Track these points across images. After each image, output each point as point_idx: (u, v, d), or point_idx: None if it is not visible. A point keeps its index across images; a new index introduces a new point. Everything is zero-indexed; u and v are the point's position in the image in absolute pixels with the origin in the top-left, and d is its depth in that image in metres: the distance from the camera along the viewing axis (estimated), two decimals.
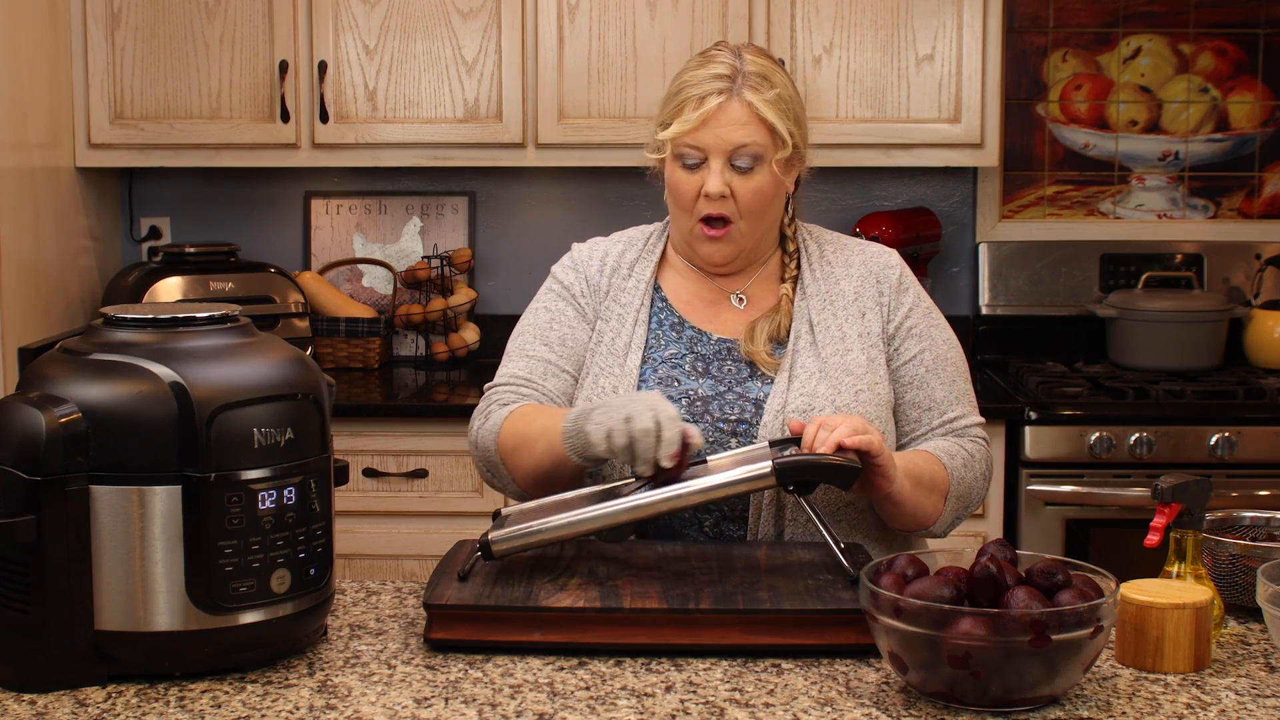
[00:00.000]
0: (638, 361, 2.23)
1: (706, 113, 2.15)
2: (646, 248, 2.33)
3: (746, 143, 2.16)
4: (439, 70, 3.82)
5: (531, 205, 4.24)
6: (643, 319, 2.26)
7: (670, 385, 2.21)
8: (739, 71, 2.17)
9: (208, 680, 1.74)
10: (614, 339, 2.25)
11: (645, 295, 2.28)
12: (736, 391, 2.20)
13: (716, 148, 2.16)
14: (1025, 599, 1.62)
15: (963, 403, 2.27)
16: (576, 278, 2.32)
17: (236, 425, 1.71)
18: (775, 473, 1.94)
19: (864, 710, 1.66)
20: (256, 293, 3.95)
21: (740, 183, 2.18)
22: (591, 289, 2.30)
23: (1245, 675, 1.77)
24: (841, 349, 2.21)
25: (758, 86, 2.17)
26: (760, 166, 2.18)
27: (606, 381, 2.22)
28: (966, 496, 2.22)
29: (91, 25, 3.81)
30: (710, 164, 2.17)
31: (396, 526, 3.60)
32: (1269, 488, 3.52)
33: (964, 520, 2.27)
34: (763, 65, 2.20)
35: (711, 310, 2.29)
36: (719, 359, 2.24)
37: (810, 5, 3.78)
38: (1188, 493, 1.89)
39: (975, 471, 2.23)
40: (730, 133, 2.16)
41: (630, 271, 2.31)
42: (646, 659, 1.80)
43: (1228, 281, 4.14)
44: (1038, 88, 4.17)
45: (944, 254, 4.19)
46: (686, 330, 2.26)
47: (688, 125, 2.16)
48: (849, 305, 2.25)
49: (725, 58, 2.20)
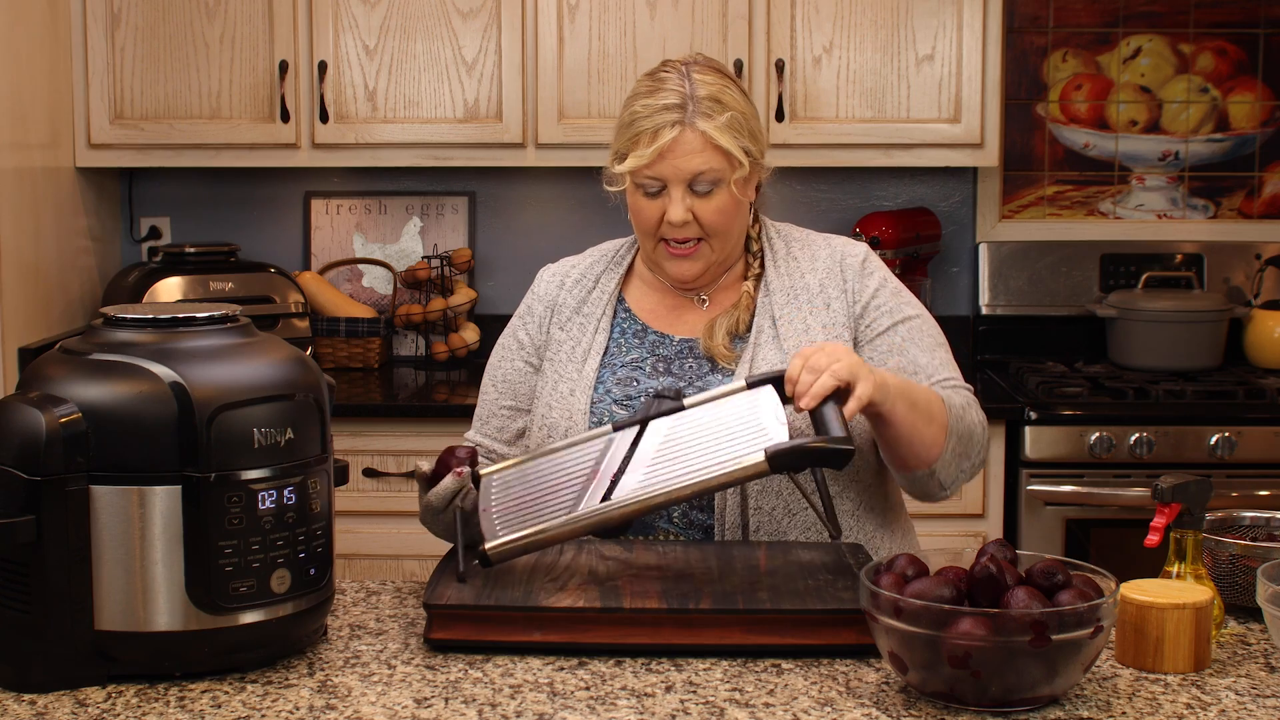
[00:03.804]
0: (595, 366, 2.25)
1: (661, 147, 2.16)
2: (614, 261, 2.37)
3: (704, 169, 2.17)
4: (439, 70, 3.82)
5: (531, 205, 4.24)
6: (604, 327, 2.29)
7: (629, 385, 2.23)
8: (689, 97, 2.17)
9: (208, 680, 1.75)
10: (574, 347, 2.29)
11: (608, 305, 2.31)
12: (697, 386, 2.21)
13: (675, 177, 2.18)
14: (1025, 599, 1.62)
15: (947, 368, 2.25)
16: (532, 302, 2.37)
17: (236, 425, 1.71)
18: (769, 461, 1.93)
19: (864, 710, 1.66)
20: (256, 293, 3.95)
21: (701, 205, 2.19)
22: (545, 307, 2.35)
23: (1245, 675, 1.77)
24: (804, 340, 2.21)
25: (710, 113, 2.17)
26: (720, 188, 2.19)
27: (565, 386, 2.25)
28: (967, 438, 2.17)
29: (91, 25, 3.81)
30: (670, 192, 2.19)
31: (396, 526, 3.60)
32: (1269, 488, 3.52)
33: (969, 474, 2.21)
34: (711, 86, 2.19)
35: (674, 315, 2.31)
36: (680, 358, 2.25)
37: (810, 5, 3.78)
38: (1188, 493, 1.89)
39: (974, 417, 2.19)
40: (686, 162, 2.17)
41: (595, 284, 2.34)
42: (646, 659, 1.80)
43: (1228, 281, 4.14)
44: (1038, 88, 4.17)
45: (944, 254, 4.19)
46: (649, 336, 2.29)
47: (643, 160, 2.17)
48: (813, 298, 2.25)
49: (674, 82, 2.19)
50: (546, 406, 2.26)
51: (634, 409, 2.18)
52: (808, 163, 3.87)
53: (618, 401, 2.22)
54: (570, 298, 2.34)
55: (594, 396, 2.23)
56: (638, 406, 2.17)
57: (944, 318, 2.39)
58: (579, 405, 2.22)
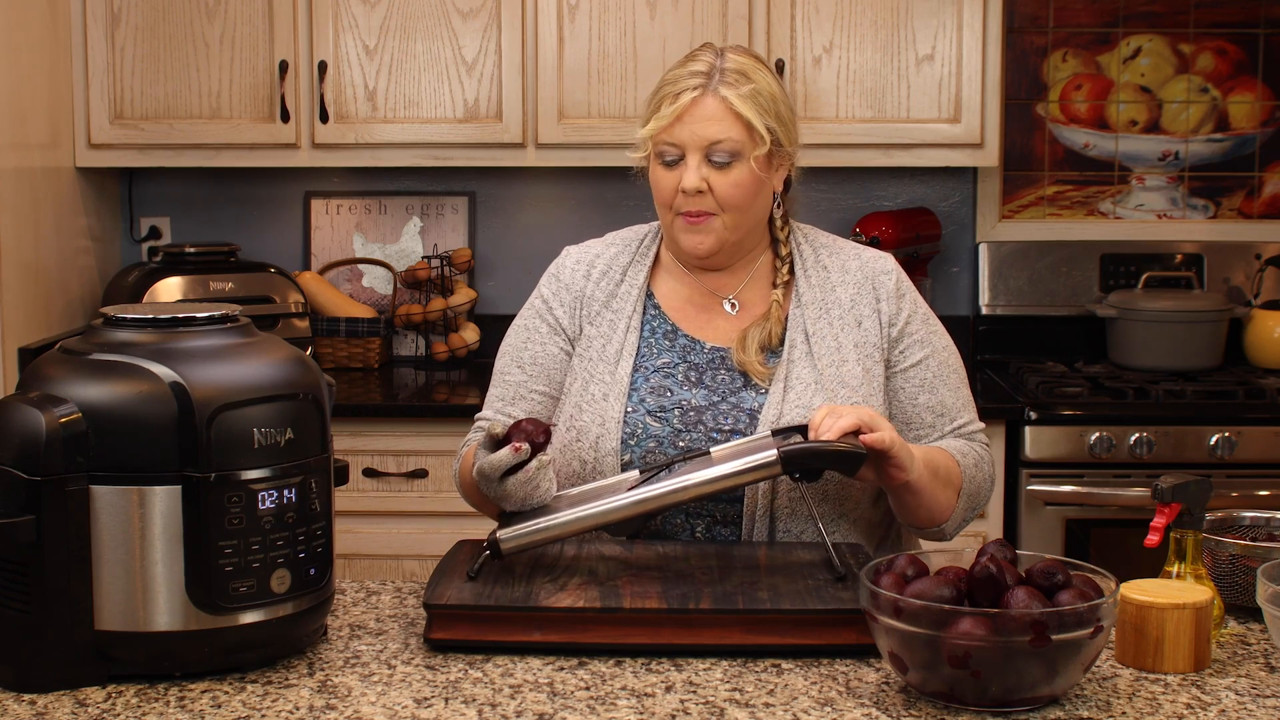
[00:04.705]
0: (629, 369, 2.22)
1: (680, 108, 2.16)
2: (640, 251, 2.33)
3: (721, 138, 2.16)
4: (439, 70, 3.82)
5: (531, 205, 4.24)
6: (634, 326, 2.26)
7: (663, 395, 2.20)
8: (716, 69, 2.18)
9: (208, 680, 1.75)
10: (605, 346, 2.25)
11: (638, 302, 2.28)
12: (730, 402, 2.20)
13: (692, 143, 2.17)
14: (1025, 599, 1.62)
15: (969, 409, 2.29)
16: (557, 288, 2.31)
17: (236, 425, 1.71)
18: (780, 460, 1.93)
19: (864, 710, 1.66)
20: (256, 293, 3.95)
21: (718, 177, 2.18)
22: (574, 296, 2.30)
23: (1245, 675, 1.77)
24: (837, 359, 2.21)
25: (734, 82, 2.17)
26: (738, 162, 2.18)
27: (597, 389, 2.22)
28: (975, 496, 2.23)
29: (91, 25, 3.81)
30: (687, 160, 2.18)
31: (396, 526, 3.60)
32: (1269, 488, 3.52)
33: (970, 522, 2.28)
34: (743, 63, 2.20)
35: (704, 316, 2.28)
36: (712, 368, 2.23)
37: (810, 5, 3.78)
38: (1188, 493, 1.89)
39: (985, 473, 2.25)
40: (704, 128, 2.16)
41: (623, 276, 2.30)
42: (646, 659, 1.80)
43: (1228, 281, 4.14)
44: (1038, 88, 4.17)
45: (944, 254, 4.19)
46: (680, 339, 2.26)
47: (663, 121, 2.17)
48: (845, 314, 2.24)
49: (706, 56, 2.21)
50: (576, 408, 2.22)
51: (666, 420, 2.18)
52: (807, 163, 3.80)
53: (651, 412, 2.19)
54: (599, 291, 2.29)
55: (627, 406, 2.20)
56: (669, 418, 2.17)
57: (944, 318, 2.39)
58: (612, 413, 2.19)
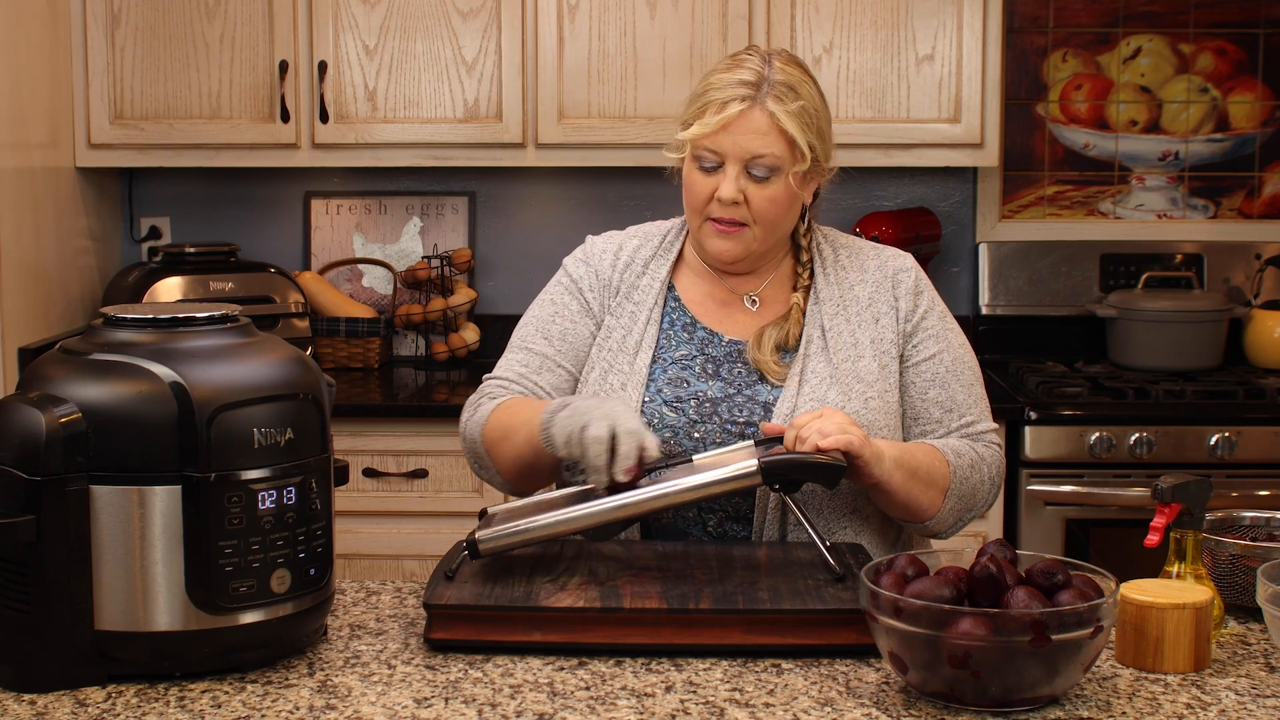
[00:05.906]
0: (648, 360, 2.23)
1: (727, 118, 2.14)
2: (664, 245, 2.33)
3: (764, 153, 2.15)
4: (439, 70, 3.82)
5: (531, 205, 4.24)
6: (655, 318, 2.26)
7: (680, 386, 2.21)
8: (765, 79, 2.16)
9: (208, 680, 1.74)
10: (625, 336, 2.25)
11: (659, 294, 2.28)
12: (746, 394, 2.20)
13: (734, 154, 2.15)
14: (1025, 599, 1.62)
15: (979, 407, 2.27)
16: (586, 271, 2.32)
17: (236, 425, 1.71)
18: (761, 471, 1.94)
19: (864, 710, 1.66)
20: (256, 293, 3.95)
21: (755, 190, 2.17)
22: (602, 284, 2.30)
23: (1245, 675, 1.77)
24: (853, 355, 2.21)
25: (782, 97, 2.16)
26: (776, 177, 2.17)
27: (615, 379, 2.22)
28: (970, 498, 2.21)
29: (91, 25, 3.81)
30: (726, 169, 2.16)
31: (396, 526, 3.60)
32: (1269, 488, 3.52)
33: (969, 522, 2.26)
34: (791, 75, 2.18)
35: (724, 311, 2.28)
36: (729, 361, 2.23)
37: (810, 5, 3.78)
38: (1188, 493, 1.89)
39: (983, 474, 2.23)
40: (749, 141, 2.15)
41: (645, 269, 2.30)
42: (646, 659, 1.80)
43: (1228, 281, 4.14)
44: (1038, 88, 4.17)
45: (944, 254, 4.19)
46: (698, 331, 2.26)
47: (707, 129, 2.15)
48: (862, 311, 2.24)
49: (754, 64, 2.18)
50: (595, 395, 2.22)
51: (683, 411, 2.18)
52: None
53: (668, 403, 2.19)
54: (623, 281, 2.30)
55: (645, 396, 2.20)
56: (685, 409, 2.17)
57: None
58: (630, 403, 2.18)
